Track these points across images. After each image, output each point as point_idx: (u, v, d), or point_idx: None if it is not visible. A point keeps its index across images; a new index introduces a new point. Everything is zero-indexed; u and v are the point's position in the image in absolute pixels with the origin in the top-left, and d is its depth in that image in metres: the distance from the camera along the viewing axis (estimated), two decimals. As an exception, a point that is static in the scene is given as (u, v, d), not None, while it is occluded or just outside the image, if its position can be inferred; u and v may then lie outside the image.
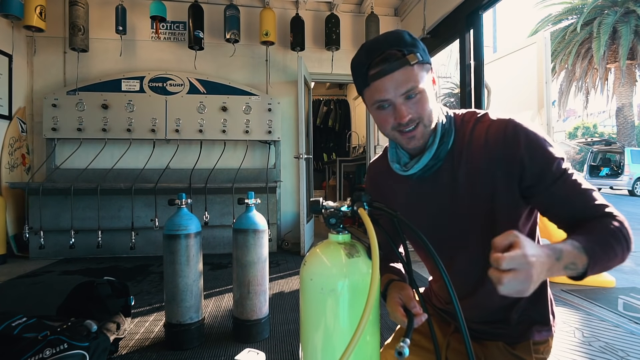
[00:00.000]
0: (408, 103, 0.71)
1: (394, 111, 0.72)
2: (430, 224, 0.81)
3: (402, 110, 0.70)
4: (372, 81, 0.71)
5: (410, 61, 0.69)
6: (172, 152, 3.89)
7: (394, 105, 0.71)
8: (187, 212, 1.77)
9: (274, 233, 3.86)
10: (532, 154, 0.69)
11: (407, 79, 0.69)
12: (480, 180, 0.73)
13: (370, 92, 0.73)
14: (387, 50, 0.69)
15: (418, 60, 0.69)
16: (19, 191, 3.54)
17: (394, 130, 0.74)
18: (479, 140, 0.74)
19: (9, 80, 3.66)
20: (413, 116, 0.71)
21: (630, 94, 14.05)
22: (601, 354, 1.67)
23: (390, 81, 0.69)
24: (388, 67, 0.69)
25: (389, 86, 0.69)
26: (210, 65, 4.10)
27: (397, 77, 0.69)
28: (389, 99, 0.71)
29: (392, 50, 0.69)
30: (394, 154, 0.83)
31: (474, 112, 0.79)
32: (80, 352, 1.34)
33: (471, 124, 0.77)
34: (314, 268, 0.62)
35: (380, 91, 0.71)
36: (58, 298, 1.87)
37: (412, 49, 0.70)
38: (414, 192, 0.82)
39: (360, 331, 0.48)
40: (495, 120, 0.74)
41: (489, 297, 0.79)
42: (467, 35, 2.99)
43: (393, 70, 0.69)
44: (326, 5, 4.31)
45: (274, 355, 1.66)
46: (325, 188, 6.76)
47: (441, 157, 0.76)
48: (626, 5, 12.11)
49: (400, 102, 0.70)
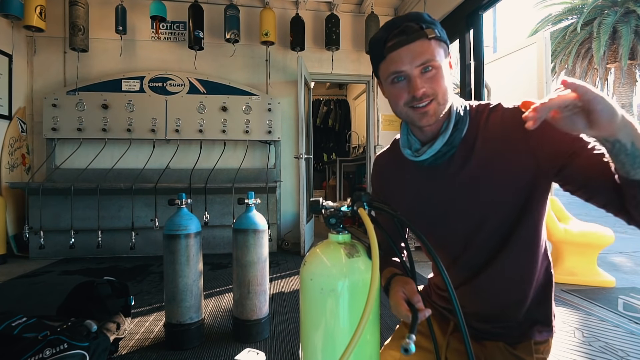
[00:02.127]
0: (423, 77, 0.70)
1: (408, 84, 0.71)
2: (442, 213, 0.80)
3: (417, 82, 0.70)
4: (388, 53, 0.71)
5: (428, 34, 0.69)
6: (172, 152, 3.89)
7: (408, 78, 0.71)
8: (187, 212, 1.77)
9: (274, 233, 3.86)
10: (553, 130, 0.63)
11: (424, 51, 0.69)
12: (499, 166, 0.72)
13: (386, 64, 0.73)
14: (405, 25, 0.70)
15: (436, 35, 0.70)
16: (19, 191, 3.54)
17: (406, 106, 0.73)
18: (495, 126, 0.74)
19: (9, 80, 3.66)
20: (427, 90, 0.70)
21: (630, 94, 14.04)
22: (601, 354, 1.67)
23: (407, 52, 0.69)
24: (405, 39, 0.69)
25: (405, 57, 0.69)
26: (210, 65, 4.10)
27: (414, 48, 0.69)
28: (404, 71, 0.70)
29: (410, 23, 0.70)
30: (405, 140, 0.81)
31: (487, 103, 0.79)
32: (80, 352, 1.34)
33: (485, 114, 0.77)
34: (314, 268, 0.62)
35: (396, 62, 0.70)
36: (58, 298, 1.87)
37: (430, 25, 0.70)
38: (425, 180, 0.81)
39: (360, 331, 0.48)
40: (510, 107, 0.74)
41: (491, 295, 0.79)
42: (467, 35, 2.99)
43: (410, 41, 0.69)
44: (326, 5, 4.31)
45: (274, 355, 1.66)
46: (325, 188, 6.76)
47: (455, 144, 0.75)
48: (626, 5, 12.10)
49: (415, 75, 0.70)
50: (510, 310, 0.79)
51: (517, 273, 0.77)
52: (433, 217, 0.82)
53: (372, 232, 0.56)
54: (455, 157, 0.76)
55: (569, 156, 0.65)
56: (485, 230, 0.77)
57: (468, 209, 0.77)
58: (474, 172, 0.75)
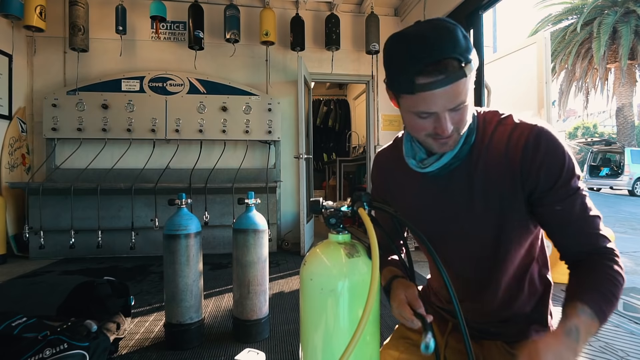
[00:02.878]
0: (452, 114, 0.64)
1: (435, 121, 0.65)
2: (437, 222, 0.79)
3: (446, 124, 0.64)
4: (419, 91, 0.61)
5: (467, 73, 0.60)
6: (172, 152, 3.89)
7: (437, 116, 0.64)
8: (187, 212, 1.77)
9: (274, 233, 3.86)
10: (549, 166, 0.66)
11: (459, 93, 0.62)
12: (495, 185, 0.71)
13: (414, 101, 0.64)
14: (444, 59, 0.59)
15: (472, 69, 0.62)
16: (19, 191, 3.54)
17: (428, 137, 0.69)
18: (499, 144, 0.71)
19: (9, 80, 3.66)
20: (454, 128, 0.66)
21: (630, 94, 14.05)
22: (601, 354, 1.67)
23: (442, 95, 0.61)
24: (444, 80, 0.59)
25: (439, 100, 0.61)
26: (210, 65, 4.10)
27: (450, 91, 0.61)
28: (436, 112, 0.64)
29: (449, 58, 0.59)
30: (409, 148, 0.78)
31: (496, 112, 0.75)
32: (80, 352, 1.34)
33: (493, 125, 0.73)
34: (314, 268, 0.62)
35: (428, 104, 0.62)
36: (58, 298, 1.87)
37: (467, 55, 0.61)
38: (425, 188, 0.80)
39: (360, 331, 0.48)
40: (519, 124, 0.70)
41: (491, 300, 0.79)
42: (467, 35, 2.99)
43: (449, 83, 0.60)
44: (326, 5, 4.31)
45: (274, 355, 1.66)
46: (325, 188, 6.76)
47: (461, 156, 0.73)
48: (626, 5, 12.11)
49: (444, 116, 0.64)
50: (510, 317, 0.79)
51: (513, 286, 0.78)
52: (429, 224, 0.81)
53: (372, 232, 0.57)
54: (457, 170, 0.74)
55: (558, 199, 0.67)
56: (479, 244, 0.76)
57: (463, 224, 0.76)
58: (473, 186, 0.74)
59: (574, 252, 0.70)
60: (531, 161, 0.67)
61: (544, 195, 0.68)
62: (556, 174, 0.66)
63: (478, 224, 0.75)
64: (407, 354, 0.85)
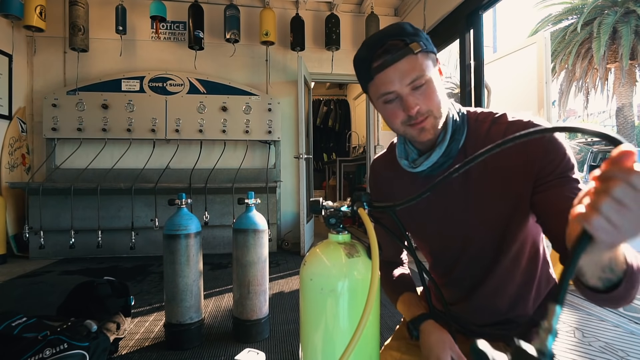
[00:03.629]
0: (415, 94, 0.67)
1: (402, 103, 0.68)
2: (436, 223, 0.79)
3: (410, 101, 0.67)
4: (375, 74, 0.68)
5: (414, 50, 0.66)
6: (172, 152, 3.89)
7: (400, 98, 0.68)
8: (187, 212, 1.77)
9: (274, 233, 3.86)
10: (550, 160, 0.66)
11: (412, 68, 0.66)
12: (494, 183, 0.71)
13: (375, 85, 0.70)
14: (389, 41, 0.67)
15: (422, 48, 0.66)
16: (19, 191, 3.54)
17: (404, 124, 0.71)
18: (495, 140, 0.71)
19: (9, 80, 3.66)
20: (421, 107, 0.68)
21: (630, 94, 14.04)
22: (601, 354, 1.67)
23: (395, 72, 0.66)
24: (391, 58, 0.66)
25: (394, 77, 0.66)
26: (210, 65, 4.09)
27: (401, 66, 0.66)
28: (395, 91, 0.67)
29: (393, 40, 0.67)
30: (402, 150, 0.79)
31: (490, 112, 0.75)
32: (80, 352, 1.34)
33: (487, 124, 0.73)
34: (314, 268, 0.62)
35: (385, 83, 0.68)
36: (58, 298, 1.87)
37: (414, 37, 0.67)
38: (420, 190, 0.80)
39: (360, 331, 0.48)
40: (515, 122, 0.71)
41: (495, 301, 0.78)
42: (467, 35, 2.98)
43: (396, 60, 0.66)
44: (326, 5, 4.31)
45: (274, 355, 1.66)
46: (325, 188, 6.76)
47: (452, 154, 0.73)
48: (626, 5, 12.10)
49: (407, 93, 0.67)
50: (512, 319, 0.79)
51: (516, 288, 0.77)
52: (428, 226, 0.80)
53: (372, 232, 0.56)
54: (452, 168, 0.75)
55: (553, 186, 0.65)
56: (478, 244, 0.76)
57: (461, 222, 0.76)
58: (470, 186, 0.73)
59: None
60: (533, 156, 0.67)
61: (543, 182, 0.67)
62: (557, 160, 0.66)
63: (477, 224, 0.74)
64: (408, 355, 0.85)
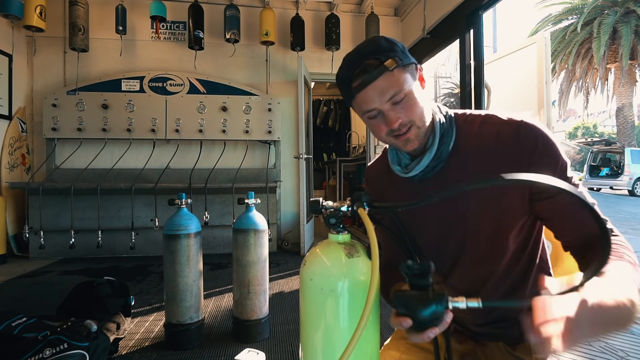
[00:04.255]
0: (396, 108, 0.70)
1: (384, 118, 0.71)
2: (433, 225, 0.79)
3: (391, 116, 0.70)
4: (356, 93, 0.71)
5: (389, 67, 0.68)
6: (172, 152, 3.89)
7: (382, 113, 0.71)
8: (187, 212, 1.77)
9: (274, 233, 3.86)
10: (545, 160, 0.67)
11: (389, 85, 0.68)
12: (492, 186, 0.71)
13: (357, 104, 0.73)
14: (364, 61, 0.69)
15: (397, 64, 0.68)
16: (19, 191, 3.54)
17: (388, 136, 0.73)
18: (488, 141, 0.72)
19: (9, 80, 3.66)
20: (403, 120, 0.70)
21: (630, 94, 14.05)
22: (601, 354, 1.67)
23: (373, 90, 0.69)
24: (368, 78, 0.68)
25: (373, 95, 0.69)
26: (210, 65, 4.10)
27: (379, 85, 0.68)
28: (376, 108, 0.70)
29: (369, 59, 0.69)
30: (394, 156, 0.81)
31: (479, 113, 0.77)
32: (80, 352, 1.34)
33: (477, 125, 0.75)
34: (314, 268, 0.62)
35: (366, 102, 0.70)
36: (58, 298, 1.87)
37: (389, 54, 0.69)
38: (416, 194, 0.80)
39: (360, 331, 0.48)
40: (507, 121, 0.72)
41: (491, 298, 0.78)
42: (467, 35, 2.99)
43: (373, 79, 0.68)
44: (326, 5, 4.31)
45: (274, 355, 1.66)
46: (325, 188, 6.76)
47: (443, 157, 0.74)
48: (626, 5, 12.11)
49: (387, 109, 0.70)
50: (509, 317, 0.79)
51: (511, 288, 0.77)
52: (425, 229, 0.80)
53: (372, 232, 0.56)
54: (445, 171, 0.75)
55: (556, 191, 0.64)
56: (476, 245, 0.76)
57: (459, 224, 0.76)
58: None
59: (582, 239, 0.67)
60: (527, 156, 0.68)
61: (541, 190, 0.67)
62: (552, 167, 0.67)
63: (474, 225, 0.74)
64: (407, 355, 0.85)
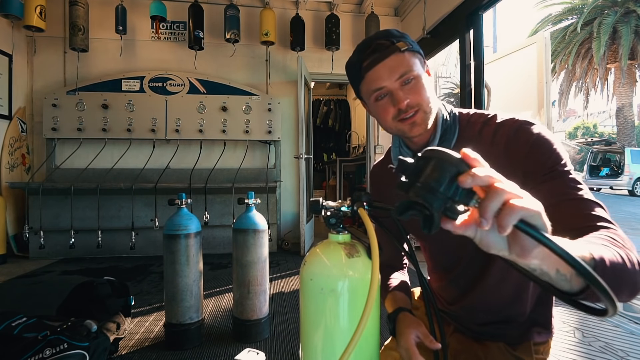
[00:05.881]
0: (404, 88, 0.71)
1: (392, 99, 0.72)
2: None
3: (400, 95, 0.70)
4: (365, 72, 0.72)
5: (400, 47, 0.70)
6: (172, 152, 3.89)
7: (390, 93, 0.72)
8: (187, 212, 1.77)
9: (274, 233, 3.86)
10: (536, 150, 0.67)
11: (399, 64, 0.70)
12: None
13: (366, 84, 0.74)
14: (376, 43, 0.71)
15: (408, 47, 0.71)
16: (19, 191, 3.54)
17: (395, 120, 0.73)
18: (486, 141, 0.72)
19: (9, 80, 3.66)
20: (411, 101, 0.71)
21: (630, 94, 14.04)
22: (601, 354, 1.67)
23: (383, 68, 0.70)
24: (379, 56, 0.70)
25: (383, 73, 0.70)
26: (210, 65, 4.09)
27: (389, 63, 0.70)
28: (385, 86, 0.71)
29: (380, 41, 0.71)
30: (397, 153, 0.82)
31: (482, 114, 0.77)
32: (80, 352, 1.34)
33: (479, 126, 0.75)
34: (314, 268, 0.62)
35: (375, 80, 0.71)
36: (58, 298, 1.87)
37: (400, 38, 0.72)
38: None
39: (360, 331, 0.48)
40: (505, 121, 0.72)
41: (493, 301, 0.78)
42: (467, 35, 2.98)
43: (384, 57, 0.70)
44: (326, 5, 4.31)
45: (274, 355, 1.66)
46: (325, 188, 6.76)
47: None
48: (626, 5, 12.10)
49: (396, 88, 0.71)
50: (510, 317, 0.79)
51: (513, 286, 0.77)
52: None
53: (372, 232, 0.56)
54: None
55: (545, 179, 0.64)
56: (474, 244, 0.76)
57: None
58: None
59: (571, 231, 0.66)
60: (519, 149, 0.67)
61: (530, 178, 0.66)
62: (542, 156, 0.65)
63: None
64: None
